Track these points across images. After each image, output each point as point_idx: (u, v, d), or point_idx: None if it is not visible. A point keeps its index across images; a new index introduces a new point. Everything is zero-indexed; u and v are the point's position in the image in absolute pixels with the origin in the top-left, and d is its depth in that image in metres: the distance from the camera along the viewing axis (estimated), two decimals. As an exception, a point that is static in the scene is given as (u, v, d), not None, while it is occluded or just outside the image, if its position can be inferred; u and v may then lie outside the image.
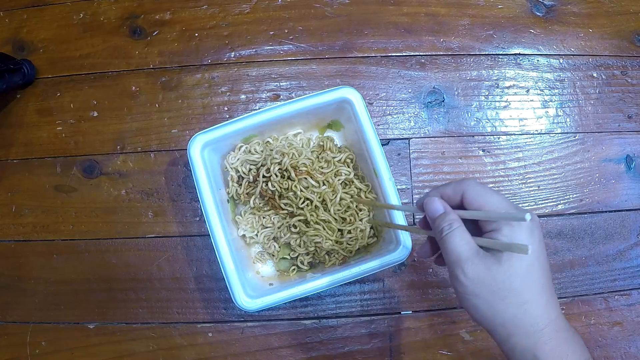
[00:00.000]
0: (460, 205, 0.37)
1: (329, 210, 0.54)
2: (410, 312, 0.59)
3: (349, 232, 0.55)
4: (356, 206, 0.56)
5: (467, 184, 0.36)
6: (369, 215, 0.56)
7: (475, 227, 0.36)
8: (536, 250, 0.34)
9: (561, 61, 0.64)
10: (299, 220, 0.54)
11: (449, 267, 0.35)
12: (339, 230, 0.54)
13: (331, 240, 0.53)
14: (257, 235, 0.57)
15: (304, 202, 0.54)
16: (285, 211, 0.55)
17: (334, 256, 0.56)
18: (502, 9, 0.65)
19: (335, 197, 0.54)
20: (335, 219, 0.54)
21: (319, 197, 0.53)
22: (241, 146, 0.56)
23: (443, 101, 0.63)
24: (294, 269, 0.56)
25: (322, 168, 0.55)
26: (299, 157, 0.54)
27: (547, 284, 0.34)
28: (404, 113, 0.63)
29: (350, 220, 0.55)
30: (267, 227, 0.57)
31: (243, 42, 0.64)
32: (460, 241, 0.34)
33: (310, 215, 0.53)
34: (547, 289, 0.34)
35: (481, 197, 0.35)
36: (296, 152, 0.54)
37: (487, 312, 0.34)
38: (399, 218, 0.51)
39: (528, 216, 0.32)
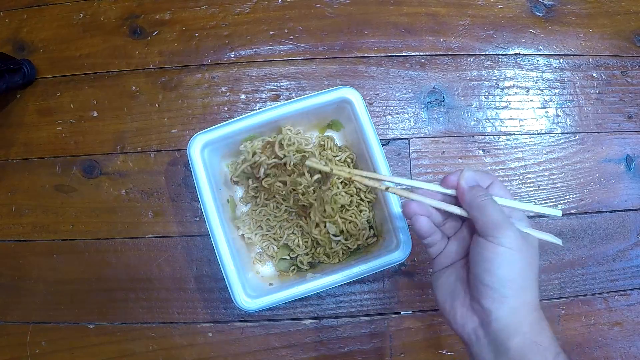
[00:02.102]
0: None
1: (332, 209, 0.54)
2: (410, 312, 0.59)
3: (349, 231, 0.55)
4: (357, 206, 0.56)
5: (496, 181, 0.38)
6: (369, 215, 0.56)
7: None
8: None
9: (561, 61, 0.64)
10: (301, 214, 0.54)
11: (487, 231, 0.34)
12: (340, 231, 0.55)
13: (335, 228, 0.54)
14: (255, 235, 0.57)
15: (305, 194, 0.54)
16: (285, 207, 0.55)
17: (334, 256, 0.56)
18: (502, 9, 0.65)
19: (336, 196, 0.54)
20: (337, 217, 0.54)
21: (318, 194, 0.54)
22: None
23: (443, 101, 0.63)
24: (294, 269, 0.56)
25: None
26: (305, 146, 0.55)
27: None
28: (404, 113, 0.63)
29: (351, 219, 0.55)
30: (263, 228, 0.57)
31: (243, 42, 0.64)
32: (497, 209, 0.35)
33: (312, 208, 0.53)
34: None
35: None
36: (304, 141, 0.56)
37: (518, 278, 0.33)
38: (395, 204, 0.51)
39: (560, 212, 0.38)
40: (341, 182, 0.55)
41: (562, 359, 0.33)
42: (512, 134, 0.63)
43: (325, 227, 0.54)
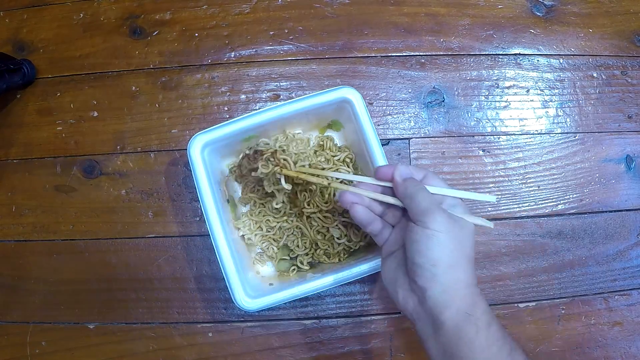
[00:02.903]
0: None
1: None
2: (410, 312, 0.59)
3: (352, 233, 0.55)
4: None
5: (429, 173, 0.41)
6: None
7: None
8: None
9: (561, 61, 0.64)
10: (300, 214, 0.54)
11: (417, 217, 0.37)
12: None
13: (339, 229, 0.54)
14: (255, 236, 0.57)
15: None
16: (285, 208, 0.55)
17: (334, 256, 0.56)
18: (502, 9, 0.65)
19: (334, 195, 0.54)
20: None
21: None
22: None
23: (443, 101, 0.63)
24: (294, 269, 0.56)
25: (321, 163, 0.55)
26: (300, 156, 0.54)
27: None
28: (404, 113, 0.63)
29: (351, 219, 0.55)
30: (263, 229, 0.57)
31: (243, 42, 0.64)
32: (427, 196, 0.38)
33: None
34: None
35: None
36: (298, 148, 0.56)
37: (446, 258, 0.36)
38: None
39: (494, 198, 0.44)
40: (340, 182, 0.55)
41: (495, 328, 0.36)
42: (512, 134, 0.63)
43: (328, 231, 0.54)
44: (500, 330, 0.36)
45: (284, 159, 0.49)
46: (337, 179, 0.46)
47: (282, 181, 0.50)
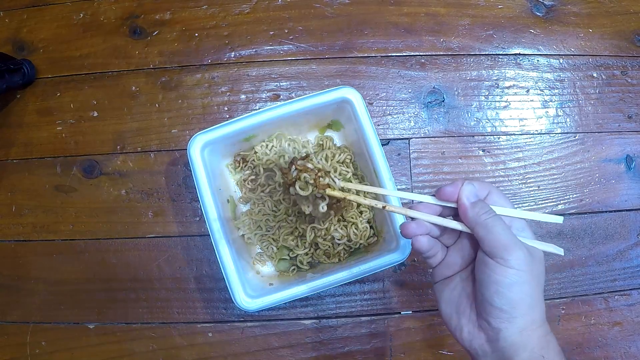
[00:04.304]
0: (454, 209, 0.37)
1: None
2: (410, 312, 0.59)
3: (352, 234, 0.55)
4: (358, 206, 0.56)
5: (493, 190, 0.37)
6: (369, 215, 0.56)
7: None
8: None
9: (561, 61, 0.64)
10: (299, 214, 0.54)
11: (495, 251, 0.33)
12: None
13: (340, 232, 0.54)
14: (254, 236, 0.57)
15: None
16: (285, 208, 0.55)
17: (334, 256, 0.56)
18: (502, 9, 0.65)
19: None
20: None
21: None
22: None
23: (443, 101, 0.63)
24: (294, 269, 0.56)
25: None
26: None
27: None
28: (404, 113, 0.63)
29: (352, 220, 0.55)
30: (262, 229, 0.57)
31: (243, 42, 0.64)
32: (505, 227, 0.34)
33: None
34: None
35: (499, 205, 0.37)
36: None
37: (527, 298, 0.33)
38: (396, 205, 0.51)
39: (561, 219, 0.38)
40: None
41: None
42: (512, 134, 0.63)
43: (328, 233, 0.55)
44: None
45: (324, 176, 0.44)
46: (384, 198, 0.41)
47: (322, 206, 0.45)
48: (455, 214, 0.37)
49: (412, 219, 0.38)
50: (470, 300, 0.36)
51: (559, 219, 0.38)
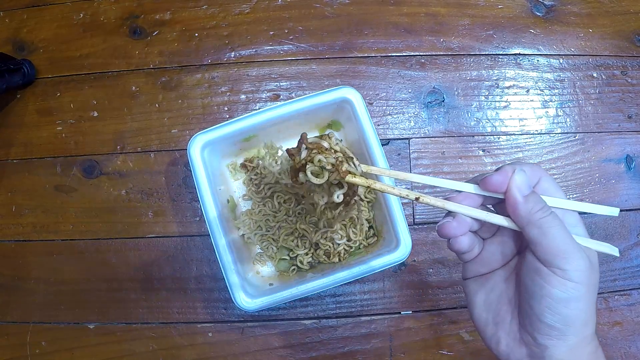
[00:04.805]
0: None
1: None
2: (410, 312, 0.59)
3: (351, 235, 0.55)
4: (357, 206, 0.56)
5: (544, 175, 0.32)
6: (369, 215, 0.56)
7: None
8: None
9: (561, 61, 0.64)
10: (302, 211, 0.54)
11: (549, 257, 0.28)
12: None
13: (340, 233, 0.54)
14: (254, 236, 0.57)
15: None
16: (285, 208, 0.55)
17: (334, 256, 0.56)
18: (502, 9, 0.65)
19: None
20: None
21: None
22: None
23: (443, 101, 0.63)
24: (294, 269, 0.56)
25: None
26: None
27: None
28: (404, 113, 0.63)
29: (352, 220, 0.55)
30: (262, 229, 0.57)
31: (243, 42, 0.64)
32: (564, 230, 0.28)
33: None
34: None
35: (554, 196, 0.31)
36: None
37: (582, 315, 0.29)
38: (395, 204, 0.51)
39: (617, 210, 0.32)
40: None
41: None
42: (512, 134, 0.63)
43: (328, 234, 0.55)
44: None
45: (346, 160, 0.35)
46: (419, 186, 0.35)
47: (337, 195, 0.37)
48: (496, 203, 0.32)
49: (448, 212, 0.32)
50: (511, 307, 0.31)
51: (615, 211, 0.32)
